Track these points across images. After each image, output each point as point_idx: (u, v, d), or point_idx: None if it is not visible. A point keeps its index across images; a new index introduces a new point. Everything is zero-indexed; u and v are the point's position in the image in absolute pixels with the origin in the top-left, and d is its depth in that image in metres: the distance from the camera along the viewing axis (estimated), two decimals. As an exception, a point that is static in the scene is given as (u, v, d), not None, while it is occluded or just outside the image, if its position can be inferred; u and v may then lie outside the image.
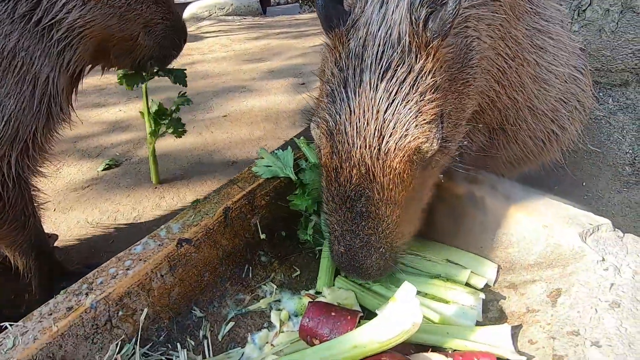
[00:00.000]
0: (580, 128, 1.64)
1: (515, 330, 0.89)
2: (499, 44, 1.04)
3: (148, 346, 0.85)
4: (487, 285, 1.07)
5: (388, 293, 1.03)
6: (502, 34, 1.03)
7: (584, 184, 2.02)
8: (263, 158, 1.21)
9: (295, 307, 1.04)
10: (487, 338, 0.86)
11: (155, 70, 1.50)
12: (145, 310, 0.86)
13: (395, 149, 0.79)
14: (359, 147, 0.80)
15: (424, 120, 0.80)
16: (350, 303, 1.02)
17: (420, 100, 0.80)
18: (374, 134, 0.79)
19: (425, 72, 0.80)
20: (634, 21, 2.47)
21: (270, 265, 1.10)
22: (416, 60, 0.80)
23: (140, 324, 0.85)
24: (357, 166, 0.81)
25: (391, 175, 0.82)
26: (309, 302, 0.89)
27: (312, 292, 1.06)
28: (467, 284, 1.06)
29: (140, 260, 0.88)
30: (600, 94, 2.59)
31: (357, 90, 0.80)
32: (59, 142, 2.55)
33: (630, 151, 2.20)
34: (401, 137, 0.79)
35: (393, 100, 0.79)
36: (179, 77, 1.64)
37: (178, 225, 0.98)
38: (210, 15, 6.70)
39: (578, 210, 1.01)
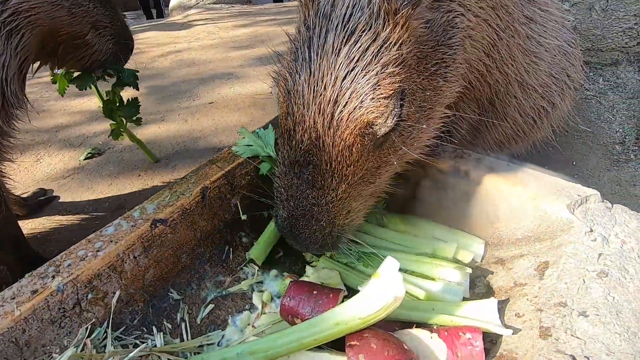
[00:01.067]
0: (571, 104, 1.61)
1: (502, 305, 0.87)
2: (489, 14, 1.00)
3: (121, 330, 0.81)
4: (474, 261, 1.04)
5: (374, 272, 1.00)
6: (494, 3, 0.99)
7: (574, 163, 2.00)
8: (244, 137, 1.16)
9: (278, 288, 1.00)
10: (473, 313, 0.84)
11: (103, 71, 1.46)
12: (118, 292, 0.82)
13: (347, 119, 0.75)
14: (313, 112, 0.77)
15: (382, 94, 0.75)
16: (335, 282, 0.99)
17: (381, 72, 0.75)
18: (329, 100, 0.75)
19: (390, 43, 0.76)
20: (624, -1, 2.43)
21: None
22: (383, 27, 0.75)
23: (112, 307, 0.81)
24: (309, 132, 0.78)
25: (340, 147, 0.78)
26: (290, 281, 0.86)
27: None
28: (455, 260, 1.04)
29: (112, 241, 0.84)
30: (591, 74, 2.56)
31: (320, 52, 0.76)
32: (39, 132, 2.48)
33: (621, 130, 2.19)
34: (355, 108, 0.75)
35: (353, 69, 0.75)
36: (129, 77, 1.58)
37: (153, 205, 0.94)
38: (198, 3, 6.55)
39: (566, 181, 0.98)
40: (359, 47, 0.74)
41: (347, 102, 0.75)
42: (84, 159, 2.16)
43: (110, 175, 2.03)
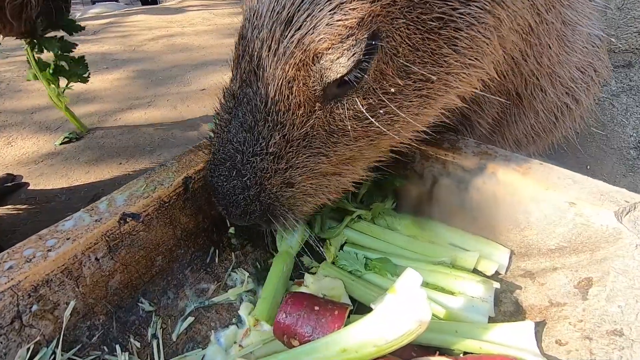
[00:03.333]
0: (594, 102, 1.49)
1: (538, 328, 0.74)
2: None
3: (75, 350, 0.65)
4: (497, 273, 0.91)
5: (385, 283, 0.85)
6: None
7: (588, 167, 1.89)
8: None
9: (272, 298, 0.86)
10: (505, 337, 0.70)
11: (44, 27, 1.45)
12: (72, 303, 0.66)
13: (294, 46, 0.61)
14: (263, 34, 0.63)
15: (341, 20, 0.60)
16: (338, 294, 0.85)
17: None
18: (283, 20, 0.61)
19: None
20: (642, -3, 2.33)
21: (242, 249, 0.92)
22: None
23: (64, 322, 0.65)
24: (254, 57, 0.65)
25: (280, 81, 0.64)
26: (287, 293, 0.71)
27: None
28: (475, 271, 0.90)
29: (69, 239, 0.68)
30: (603, 75, 2.46)
31: None
32: (13, 113, 2.28)
33: (635, 134, 2.08)
34: (307, 32, 0.60)
35: None
36: (69, 26, 1.55)
37: (123, 196, 0.78)
38: (193, -11, 6.30)
39: (609, 185, 0.85)
40: None
41: (300, 25, 0.60)
42: (60, 144, 1.98)
43: (88, 162, 1.85)
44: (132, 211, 0.75)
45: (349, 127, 0.70)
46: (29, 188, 1.67)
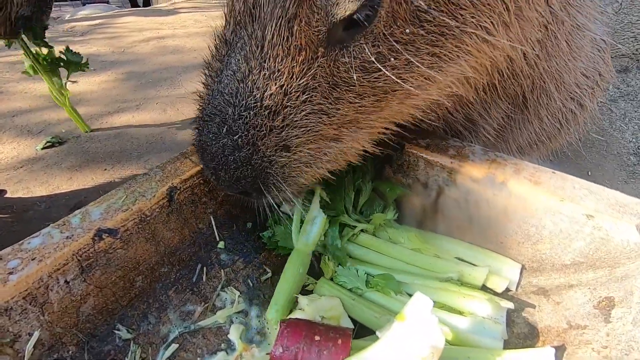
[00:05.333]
0: (597, 107, 1.45)
1: (557, 353, 0.67)
2: None
3: (39, 388, 0.57)
4: (507, 289, 0.85)
5: (389, 303, 0.79)
6: None
7: (589, 173, 1.85)
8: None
9: (265, 320, 0.78)
10: (523, 366, 0.64)
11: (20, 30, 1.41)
12: (36, 334, 0.58)
13: None
14: None
15: None
16: (337, 315, 0.77)
17: None
18: None
19: None
20: (638, 3, 2.32)
21: (233, 265, 0.84)
22: None
23: (27, 356, 0.57)
24: None
25: (278, 21, 0.56)
26: (281, 322, 0.63)
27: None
28: (484, 288, 0.84)
29: (34, 259, 0.60)
30: (601, 80, 2.44)
31: None
32: (-7, 116, 2.17)
33: (634, 140, 2.05)
34: None
35: None
36: (36, 33, 1.51)
37: (100, 209, 0.70)
38: (185, -9, 6.22)
39: (627, 196, 0.79)
40: None
41: None
42: (42, 148, 1.88)
43: (70, 168, 1.76)
44: (108, 226, 0.67)
45: (355, 80, 0.62)
46: (6, 196, 1.57)
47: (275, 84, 0.60)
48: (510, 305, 0.76)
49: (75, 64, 1.66)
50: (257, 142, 0.63)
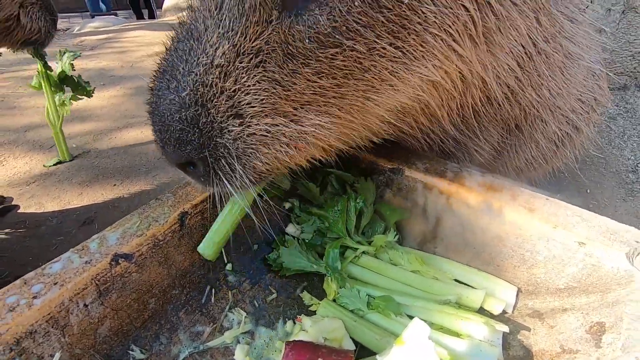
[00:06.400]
0: (595, 130, 1.49)
1: (550, 377, 0.70)
2: (527, 16, 0.82)
3: (59, 407, 0.61)
4: (504, 312, 0.88)
5: (389, 324, 0.82)
6: (536, 6, 0.82)
7: (588, 191, 1.88)
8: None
9: (270, 340, 0.82)
10: (517, 389, 0.67)
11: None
12: (57, 355, 0.62)
13: None
14: None
15: None
16: (339, 336, 0.81)
17: None
18: None
19: None
20: (636, 22, 2.37)
21: (240, 286, 0.88)
22: None
23: (48, 376, 0.60)
24: None
25: None
26: (286, 343, 0.67)
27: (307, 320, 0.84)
28: (481, 310, 0.87)
29: (56, 284, 0.64)
30: (599, 98, 2.48)
31: None
32: (6, 131, 2.24)
33: (633, 157, 2.08)
34: None
35: None
36: (39, 54, 1.58)
37: (116, 235, 0.74)
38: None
39: (618, 224, 0.83)
40: None
41: None
42: (53, 165, 1.93)
43: (81, 183, 1.81)
44: (124, 251, 0.72)
45: (310, 54, 0.60)
46: (19, 211, 1.62)
47: (228, 42, 0.60)
48: (505, 328, 0.79)
49: (83, 88, 1.72)
50: (206, 103, 0.62)
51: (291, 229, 0.97)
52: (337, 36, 0.59)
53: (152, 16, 7.87)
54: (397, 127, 0.87)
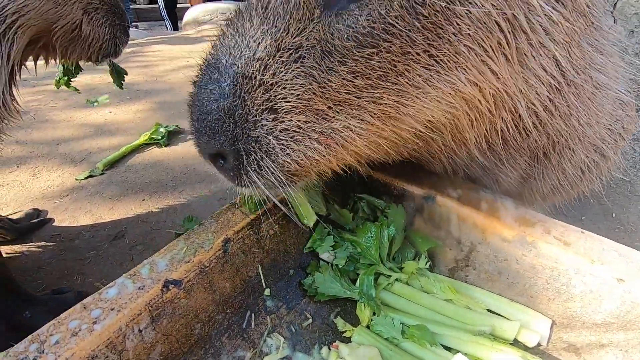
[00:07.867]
0: (622, 156, 1.48)
1: (591, 416, 0.70)
2: (559, 49, 0.82)
3: None
4: (538, 344, 0.88)
5: (424, 354, 0.83)
6: (568, 39, 0.83)
7: (613, 215, 1.86)
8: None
9: (306, 366, 0.84)
10: None
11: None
12: (115, 379, 0.65)
13: None
14: None
15: None
16: (375, 364, 0.83)
17: None
18: None
19: None
20: (660, 44, 2.36)
21: (277, 311, 0.90)
22: None
23: (107, 400, 0.64)
24: None
25: None
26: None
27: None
28: (515, 342, 0.88)
29: (113, 309, 0.68)
30: (622, 119, 2.46)
31: None
32: (39, 144, 2.34)
33: (658, 181, 2.06)
34: None
35: None
36: (119, 74, 1.57)
37: (165, 260, 0.78)
38: (212, 19, 6.55)
39: (656, 260, 0.83)
40: None
41: None
42: (84, 178, 2.00)
43: (112, 197, 1.87)
44: (174, 277, 0.75)
45: (347, 53, 0.63)
46: (53, 224, 1.68)
47: (270, 38, 0.64)
48: (543, 363, 0.80)
49: (120, 74, 1.65)
50: (244, 95, 0.65)
51: (325, 254, 1.00)
52: (374, 37, 0.62)
53: (175, 28, 8.07)
54: (426, 146, 0.89)
